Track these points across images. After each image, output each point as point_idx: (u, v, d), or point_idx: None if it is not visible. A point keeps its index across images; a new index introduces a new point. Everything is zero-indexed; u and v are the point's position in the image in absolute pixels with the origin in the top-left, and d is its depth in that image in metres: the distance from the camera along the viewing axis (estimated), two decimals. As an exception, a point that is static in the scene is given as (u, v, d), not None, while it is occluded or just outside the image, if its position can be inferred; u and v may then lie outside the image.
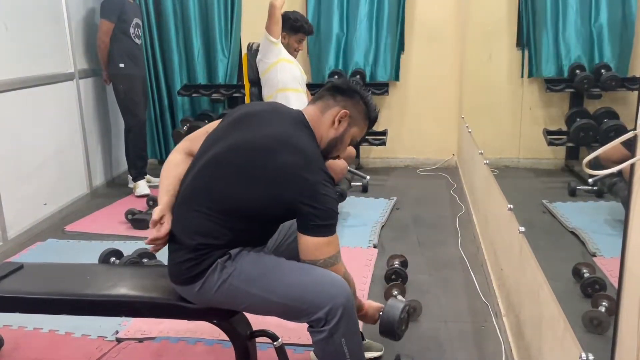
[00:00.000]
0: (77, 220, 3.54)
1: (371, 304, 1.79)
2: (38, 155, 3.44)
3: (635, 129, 0.85)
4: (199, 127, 4.40)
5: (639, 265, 0.86)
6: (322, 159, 1.56)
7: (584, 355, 1.10)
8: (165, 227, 1.54)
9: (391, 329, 1.68)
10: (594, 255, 2.70)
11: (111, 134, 4.36)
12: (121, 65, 3.88)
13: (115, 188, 4.27)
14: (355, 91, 1.66)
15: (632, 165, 0.92)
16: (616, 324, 1.00)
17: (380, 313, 1.72)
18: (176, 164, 1.65)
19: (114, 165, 4.43)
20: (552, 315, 1.37)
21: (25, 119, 3.32)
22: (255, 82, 3.34)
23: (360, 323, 1.78)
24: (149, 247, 1.54)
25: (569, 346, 1.21)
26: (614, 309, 1.02)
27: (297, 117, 1.60)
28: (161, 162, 4.97)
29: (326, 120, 1.61)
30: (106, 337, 2.13)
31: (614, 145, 0.89)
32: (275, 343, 1.61)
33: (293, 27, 3.05)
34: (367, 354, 1.93)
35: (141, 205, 3.67)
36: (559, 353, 1.32)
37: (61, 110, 3.72)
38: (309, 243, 1.48)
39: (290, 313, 1.52)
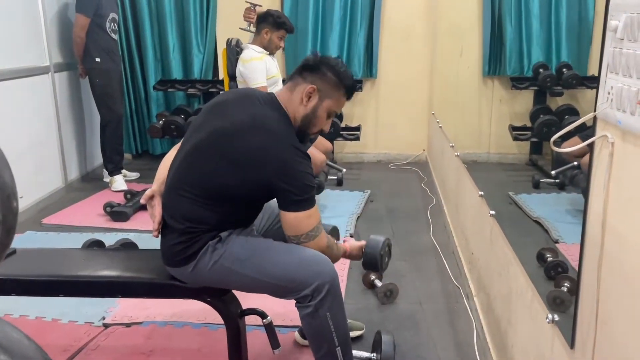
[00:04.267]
0: (54, 213, 3.54)
1: (353, 244, 1.86)
2: (13, 148, 3.42)
3: (595, 111, 0.98)
4: (175, 122, 4.43)
5: (597, 244, 0.99)
6: (294, 136, 1.61)
7: (550, 316, 1.23)
8: (157, 209, 1.65)
9: (374, 262, 1.79)
10: (556, 241, 2.86)
11: (86, 128, 4.35)
12: (97, 59, 3.88)
13: (90, 182, 4.27)
14: (322, 63, 1.65)
15: (592, 148, 1.05)
16: (577, 300, 1.12)
17: (364, 250, 1.82)
18: (171, 158, 1.74)
19: (89, 159, 4.42)
20: (521, 286, 1.51)
21: (0, 112, 3.30)
22: (234, 77, 3.41)
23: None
24: (154, 232, 1.62)
25: (537, 311, 1.35)
26: (575, 289, 1.14)
27: (268, 99, 1.66)
28: (135, 156, 4.98)
29: (295, 99, 1.65)
30: (93, 323, 2.18)
31: (576, 125, 1.02)
32: (264, 320, 1.69)
33: (276, 22, 3.12)
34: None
35: (119, 198, 3.69)
36: (528, 319, 1.45)
37: (36, 104, 3.71)
38: (291, 218, 1.56)
39: (278, 291, 1.60)
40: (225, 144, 1.58)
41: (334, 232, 1.97)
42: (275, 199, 1.62)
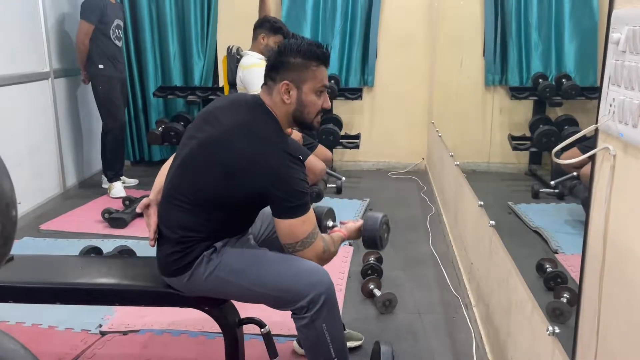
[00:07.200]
0: (52, 219, 3.53)
1: (350, 227, 1.81)
2: (12, 153, 3.41)
3: (596, 123, 0.98)
4: (175, 128, 4.43)
5: (599, 257, 0.98)
6: (286, 141, 1.58)
7: (550, 328, 1.22)
8: (153, 218, 1.64)
9: (374, 238, 1.77)
10: (555, 252, 2.86)
11: (85, 135, 4.35)
12: (100, 66, 3.88)
13: (88, 188, 4.26)
14: (280, 54, 1.58)
15: (593, 160, 1.05)
16: (578, 313, 1.11)
17: (362, 229, 1.80)
18: (168, 167, 1.73)
19: (87, 165, 4.41)
20: (521, 298, 1.50)
21: (-1, 117, 3.31)
22: (234, 84, 3.41)
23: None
24: (150, 242, 1.62)
25: (537, 323, 1.34)
26: (576, 301, 1.13)
27: (257, 104, 1.63)
28: (134, 163, 4.97)
29: (277, 101, 1.61)
30: (90, 331, 2.16)
31: (578, 137, 1.02)
32: (262, 329, 1.68)
33: (273, 27, 3.13)
34: (348, 344, 2.02)
35: (117, 205, 3.68)
36: (528, 331, 1.44)
37: (35, 110, 3.71)
38: (285, 226, 1.54)
39: (274, 302, 1.59)
40: (216, 152, 1.57)
41: (330, 213, 1.92)
42: None
